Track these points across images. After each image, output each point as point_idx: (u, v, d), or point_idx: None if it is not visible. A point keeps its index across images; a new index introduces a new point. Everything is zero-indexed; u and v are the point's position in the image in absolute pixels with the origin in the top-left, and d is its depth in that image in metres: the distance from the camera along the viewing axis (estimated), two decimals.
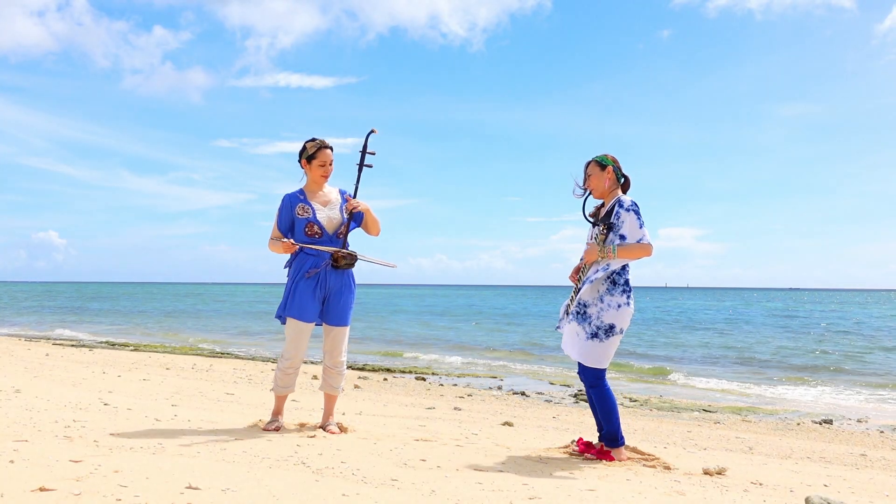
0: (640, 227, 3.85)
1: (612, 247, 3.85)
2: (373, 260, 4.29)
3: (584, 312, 3.93)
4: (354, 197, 4.26)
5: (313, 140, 4.19)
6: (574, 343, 3.99)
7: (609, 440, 3.96)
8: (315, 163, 4.17)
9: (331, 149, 4.21)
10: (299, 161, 4.24)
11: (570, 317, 4.02)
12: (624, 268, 3.94)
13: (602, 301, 3.89)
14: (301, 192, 4.24)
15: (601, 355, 3.89)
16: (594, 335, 3.88)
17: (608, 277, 3.91)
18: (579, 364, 3.99)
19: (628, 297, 3.91)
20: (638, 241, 3.83)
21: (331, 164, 4.20)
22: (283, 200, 4.21)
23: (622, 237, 3.86)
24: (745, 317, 38.34)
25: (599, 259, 3.91)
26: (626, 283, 3.93)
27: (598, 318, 3.89)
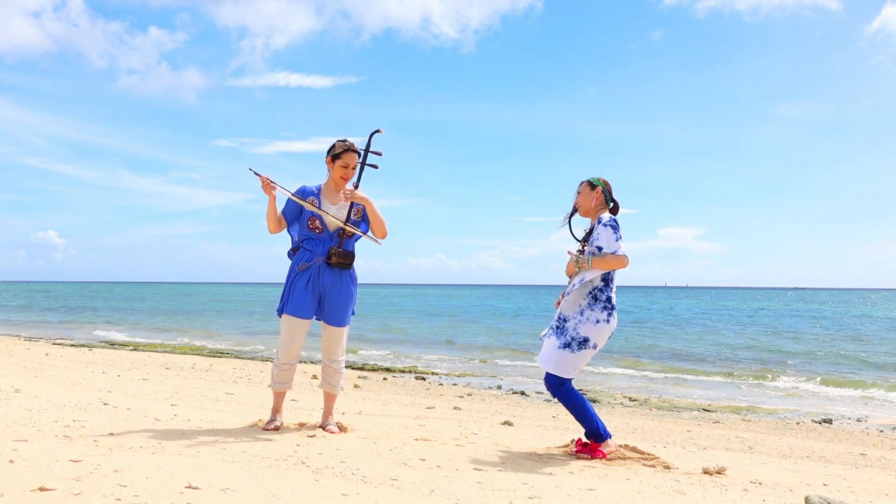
0: (616, 241, 3.94)
1: (586, 257, 3.98)
2: (361, 232, 4.20)
3: (563, 326, 4.04)
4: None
5: (343, 141, 4.22)
6: (546, 352, 4.07)
7: (593, 437, 4.04)
8: (338, 163, 4.19)
9: (359, 154, 4.23)
10: (326, 157, 4.27)
11: (550, 331, 4.12)
12: (607, 285, 4.03)
13: (582, 314, 3.99)
14: (318, 187, 4.27)
15: (568, 365, 3.98)
16: (567, 345, 3.98)
17: (590, 293, 4.01)
18: (546, 372, 4.06)
19: (609, 314, 4.00)
20: (613, 253, 3.92)
21: (353, 169, 4.21)
22: (296, 191, 4.23)
23: (598, 248, 3.96)
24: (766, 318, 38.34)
25: (577, 270, 4.05)
26: (609, 300, 4.02)
27: (574, 329, 3.98)
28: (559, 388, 4.02)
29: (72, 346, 14.80)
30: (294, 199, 4.13)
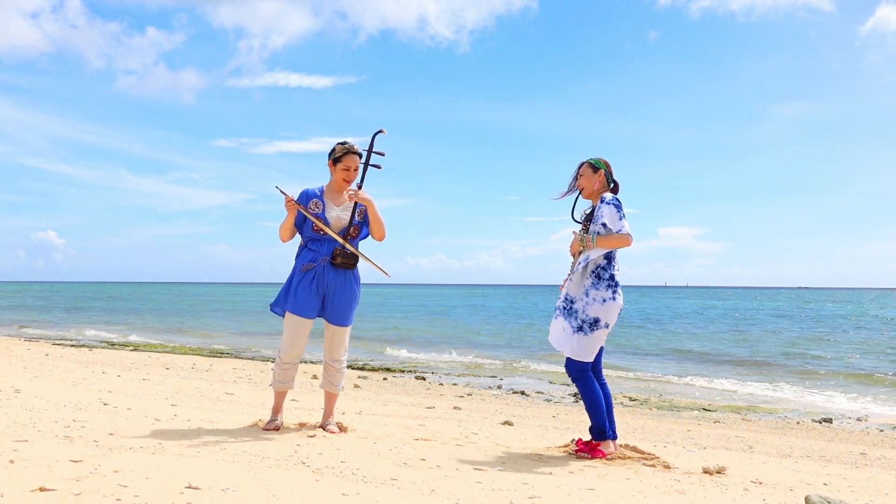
0: (620, 219, 3.95)
1: (591, 236, 3.98)
2: (370, 260, 4.29)
3: (571, 307, 4.04)
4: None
5: (343, 143, 4.24)
6: (561, 337, 4.08)
7: (597, 433, 4.04)
8: (340, 166, 4.22)
9: (359, 155, 4.25)
10: (328, 161, 4.29)
11: (557, 311, 4.12)
12: (610, 262, 4.02)
13: (587, 295, 3.99)
14: (320, 189, 4.29)
15: (585, 349, 3.97)
16: (579, 329, 3.97)
17: (593, 272, 4.01)
18: (566, 358, 4.06)
19: (614, 291, 3.99)
20: (617, 232, 3.93)
21: (355, 171, 4.23)
22: (299, 195, 4.25)
23: (603, 226, 3.96)
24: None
25: (582, 249, 4.05)
26: (612, 277, 4.02)
27: (583, 311, 3.98)
28: (581, 374, 4.02)
29: (72, 346, 14.80)
30: (314, 220, 4.15)
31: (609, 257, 4.03)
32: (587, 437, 4.23)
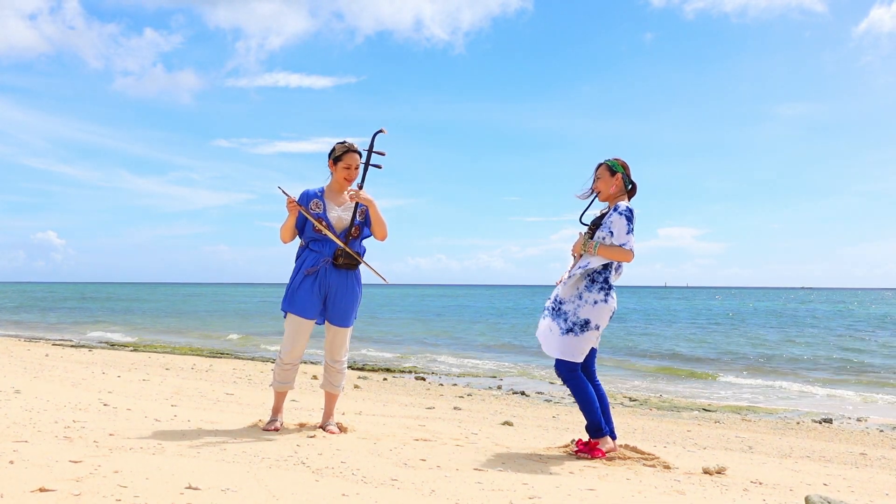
0: (627, 233, 3.92)
1: (595, 242, 3.97)
2: (368, 265, 4.29)
3: (559, 309, 4.04)
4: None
5: (343, 143, 4.24)
6: (548, 338, 4.08)
7: (593, 430, 4.04)
8: (340, 165, 4.22)
9: (360, 154, 4.24)
10: (328, 161, 4.29)
11: (546, 312, 4.12)
12: (607, 267, 4.03)
13: (580, 298, 3.99)
14: (321, 189, 4.29)
15: (575, 350, 3.97)
16: (570, 330, 3.97)
17: (588, 275, 4.01)
18: (555, 358, 4.06)
19: (607, 294, 3.99)
20: (621, 245, 3.90)
21: (356, 169, 4.23)
22: (300, 196, 4.25)
23: (610, 233, 3.94)
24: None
25: (583, 252, 4.04)
26: (606, 280, 4.02)
27: (574, 313, 3.98)
28: (571, 374, 4.02)
29: (72, 346, 14.80)
30: (315, 222, 4.14)
31: (606, 263, 4.02)
32: (586, 437, 4.24)
